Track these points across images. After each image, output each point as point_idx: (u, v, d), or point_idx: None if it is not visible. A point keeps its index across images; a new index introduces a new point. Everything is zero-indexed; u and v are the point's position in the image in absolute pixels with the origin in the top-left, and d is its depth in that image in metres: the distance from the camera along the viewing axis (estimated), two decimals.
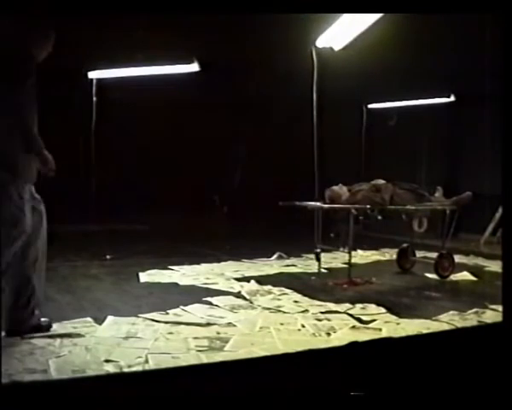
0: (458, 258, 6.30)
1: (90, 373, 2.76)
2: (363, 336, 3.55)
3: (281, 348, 3.24)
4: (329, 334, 3.57)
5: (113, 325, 3.60)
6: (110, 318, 3.74)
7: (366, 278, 5.44)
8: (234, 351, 3.18)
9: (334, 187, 5.68)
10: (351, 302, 4.43)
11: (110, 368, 2.84)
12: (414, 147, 9.95)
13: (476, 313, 4.19)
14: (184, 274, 5.56)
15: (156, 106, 9.55)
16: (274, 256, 6.70)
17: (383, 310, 4.22)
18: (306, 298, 4.57)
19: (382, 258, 7.09)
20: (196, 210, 10.17)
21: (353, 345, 3.10)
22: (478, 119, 8.40)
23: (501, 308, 2.79)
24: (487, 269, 6.29)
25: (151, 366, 2.89)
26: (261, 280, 5.26)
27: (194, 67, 7.32)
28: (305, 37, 5.47)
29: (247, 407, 2.26)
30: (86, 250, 6.68)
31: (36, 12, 3.15)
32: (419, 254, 6.39)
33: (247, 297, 4.56)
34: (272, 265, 6.29)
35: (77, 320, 3.65)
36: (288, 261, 6.52)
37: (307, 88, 5.92)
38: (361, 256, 6.93)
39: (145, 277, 5.36)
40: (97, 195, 8.73)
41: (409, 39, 6.75)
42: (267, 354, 3.12)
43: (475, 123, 8.65)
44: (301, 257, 6.63)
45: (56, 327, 3.44)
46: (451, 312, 4.18)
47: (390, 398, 2.36)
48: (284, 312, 4.11)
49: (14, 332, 3.22)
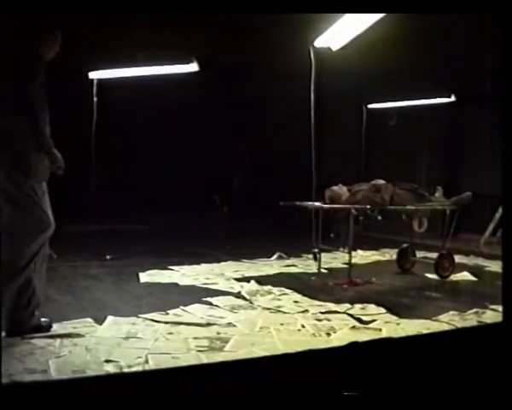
0: (458, 258, 6.29)
1: (90, 373, 2.76)
2: (363, 336, 3.55)
3: (281, 349, 3.24)
4: (329, 334, 3.57)
5: (113, 325, 3.60)
6: (110, 318, 3.74)
7: (366, 278, 5.44)
8: (234, 351, 3.18)
9: (334, 187, 5.68)
10: (351, 302, 4.43)
11: (110, 368, 2.84)
12: (414, 147, 9.95)
13: (476, 314, 4.19)
14: (184, 274, 5.56)
15: (156, 106, 9.57)
16: (274, 256, 6.70)
17: (383, 310, 4.22)
18: (306, 298, 4.57)
19: (382, 258, 7.08)
20: (196, 210, 10.18)
21: (353, 345, 3.10)
22: (478, 119, 8.39)
23: (501, 308, 2.79)
24: (487, 269, 6.29)
25: (151, 367, 2.89)
26: (261, 280, 5.26)
27: (193, 67, 7.31)
28: (305, 37, 5.46)
29: (247, 407, 2.26)
30: (86, 250, 6.67)
31: (39, 12, 3.15)
32: (419, 254, 6.38)
33: (247, 297, 4.56)
34: (272, 265, 6.28)
35: (77, 320, 3.65)
36: (288, 261, 6.52)
37: (307, 88, 5.92)
38: (361, 256, 6.93)
39: (145, 277, 5.36)
40: (97, 195, 8.73)
41: (409, 39, 6.75)
42: (267, 354, 3.12)
43: (475, 123, 8.64)
44: (301, 257, 6.62)
45: (56, 327, 3.44)
46: (451, 312, 4.18)
47: (390, 398, 2.36)
48: (284, 312, 4.11)
49: (14, 332, 3.23)
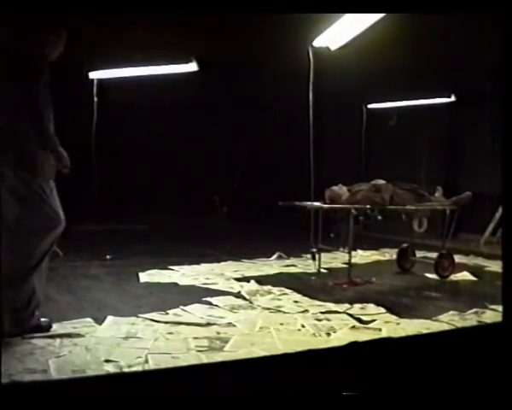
0: (458, 258, 6.30)
1: (90, 373, 2.76)
2: (363, 336, 3.55)
3: (281, 348, 3.24)
4: (329, 334, 3.57)
5: (113, 325, 3.60)
6: (110, 318, 3.74)
7: (366, 278, 5.44)
8: (234, 351, 3.18)
9: (334, 187, 5.69)
10: (350, 302, 4.43)
11: (110, 368, 2.84)
12: (414, 147, 9.95)
13: (476, 313, 4.20)
14: (184, 274, 5.56)
15: (156, 106, 9.56)
16: (274, 256, 6.70)
17: (383, 310, 4.22)
18: (306, 298, 4.57)
19: (382, 258, 7.09)
20: (196, 210, 10.18)
21: (353, 345, 3.10)
22: (478, 119, 8.39)
23: (501, 308, 2.79)
24: (487, 269, 6.29)
25: (151, 366, 2.89)
26: (261, 280, 5.26)
27: (192, 67, 7.31)
28: (306, 36, 5.46)
29: (247, 407, 2.26)
30: (86, 250, 6.67)
31: (43, 12, 3.16)
32: (419, 254, 6.38)
33: (247, 297, 4.56)
34: (272, 265, 6.28)
35: (77, 320, 3.65)
36: (288, 261, 6.52)
37: (307, 88, 5.91)
38: (361, 256, 6.93)
39: (145, 277, 5.36)
40: (97, 195, 8.73)
41: (409, 39, 6.74)
42: (267, 354, 3.12)
43: (475, 123, 8.65)
44: (301, 257, 6.62)
45: (56, 327, 3.43)
46: (451, 312, 4.18)
47: (390, 398, 2.36)
48: (284, 312, 4.11)
49: (14, 332, 3.22)
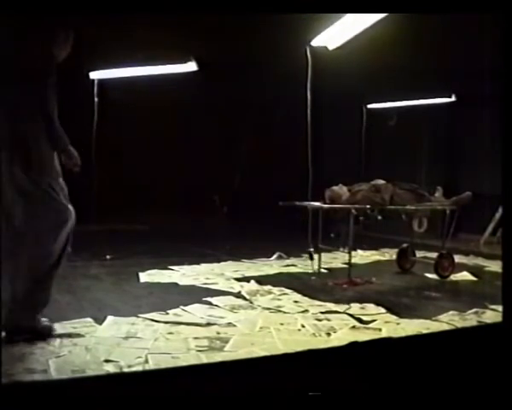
0: (458, 258, 6.30)
1: (90, 373, 2.76)
2: (363, 336, 3.55)
3: (281, 348, 3.24)
4: (329, 334, 3.57)
5: (113, 325, 3.60)
6: (110, 318, 3.74)
7: (366, 278, 5.44)
8: (234, 351, 3.18)
9: (334, 187, 5.68)
10: (351, 302, 4.43)
11: (110, 368, 2.84)
12: (414, 147, 9.95)
13: (476, 313, 4.19)
14: (184, 274, 5.56)
15: (157, 106, 9.55)
16: (274, 256, 6.70)
17: (383, 310, 4.22)
18: (306, 298, 4.57)
19: (382, 258, 7.08)
20: (196, 210, 10.17)
21: (353, 345, 3.10)
22: (478, 119, 8.40)
23: (501, 308, 2.78)
24: (487, 269, 6.29)
25: (151, 366, 2.89)
26: (261, 280, 5.26)
27: (192, 67, 7.32)
28: (305, 36, 5.46)
29: (247, 407, 2.26)
30: (86, 250, 6.66)
31: (49, 13, 3.16)
32: (419, 254, 6.38)
33: (247, 297, 4.56)
34: (272, 265, 6.28)
35: (77, 320, 3.65)
36: (288, 261, 6.52)
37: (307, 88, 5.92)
38: (361, 256, 6.93)
39: (145, 277, 5.36)
40: (97, 195, 8.73)
41: (409, 39, 6.74)
42: (267, 354, 3.12)
43: (475, 123, 8.65)
44: (301, 257, 6.61)
45: (56, 327, 3.43)
46: (451, 312, 4.18)
47: (390, 398, 2.36)
48: (284, 312, 4.11)
49: (14, 333, 3.22)
